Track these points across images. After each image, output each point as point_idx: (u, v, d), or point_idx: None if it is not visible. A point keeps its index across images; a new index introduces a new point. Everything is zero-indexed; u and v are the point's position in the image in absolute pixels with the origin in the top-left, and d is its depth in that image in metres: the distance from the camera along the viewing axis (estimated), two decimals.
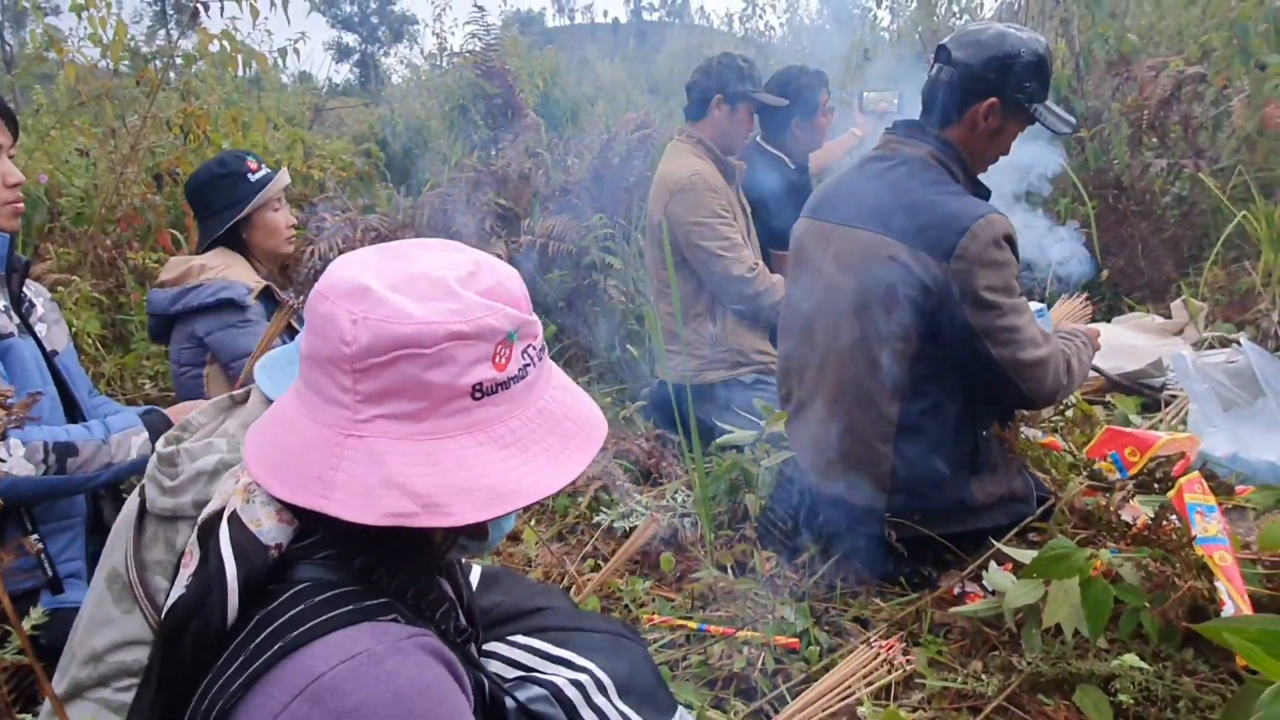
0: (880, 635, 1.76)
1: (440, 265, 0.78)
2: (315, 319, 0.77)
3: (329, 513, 0.73)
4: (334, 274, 0.78)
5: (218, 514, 0.80)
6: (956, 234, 1.69)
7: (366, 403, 0.75)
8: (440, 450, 0.75)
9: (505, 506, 0.75)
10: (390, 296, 0.74)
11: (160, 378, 3.20)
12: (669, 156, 2.92)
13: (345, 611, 0.75)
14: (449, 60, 5.43)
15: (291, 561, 0.79)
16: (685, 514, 2.40)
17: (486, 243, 3.33)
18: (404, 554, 0.83)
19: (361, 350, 0.73)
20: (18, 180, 1.63)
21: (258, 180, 2.23)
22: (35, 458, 1.52)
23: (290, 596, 0.76)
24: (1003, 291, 1.73)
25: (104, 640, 1.05)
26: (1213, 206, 3.60)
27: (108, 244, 3.50)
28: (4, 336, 1.58)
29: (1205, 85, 3.65)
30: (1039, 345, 1.78)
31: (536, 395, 0.82)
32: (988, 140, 1.88)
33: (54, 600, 1.62)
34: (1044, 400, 1.84)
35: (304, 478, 0.75)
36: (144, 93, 3.45)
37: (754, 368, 2.89)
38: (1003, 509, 1.91)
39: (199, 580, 0.77)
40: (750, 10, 6.45)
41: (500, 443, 0.78)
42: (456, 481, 0.74)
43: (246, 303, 2.15)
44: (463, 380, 0.75)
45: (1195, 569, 1.48)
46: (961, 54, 1.83)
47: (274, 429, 0.81)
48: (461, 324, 0.74)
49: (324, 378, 0.76)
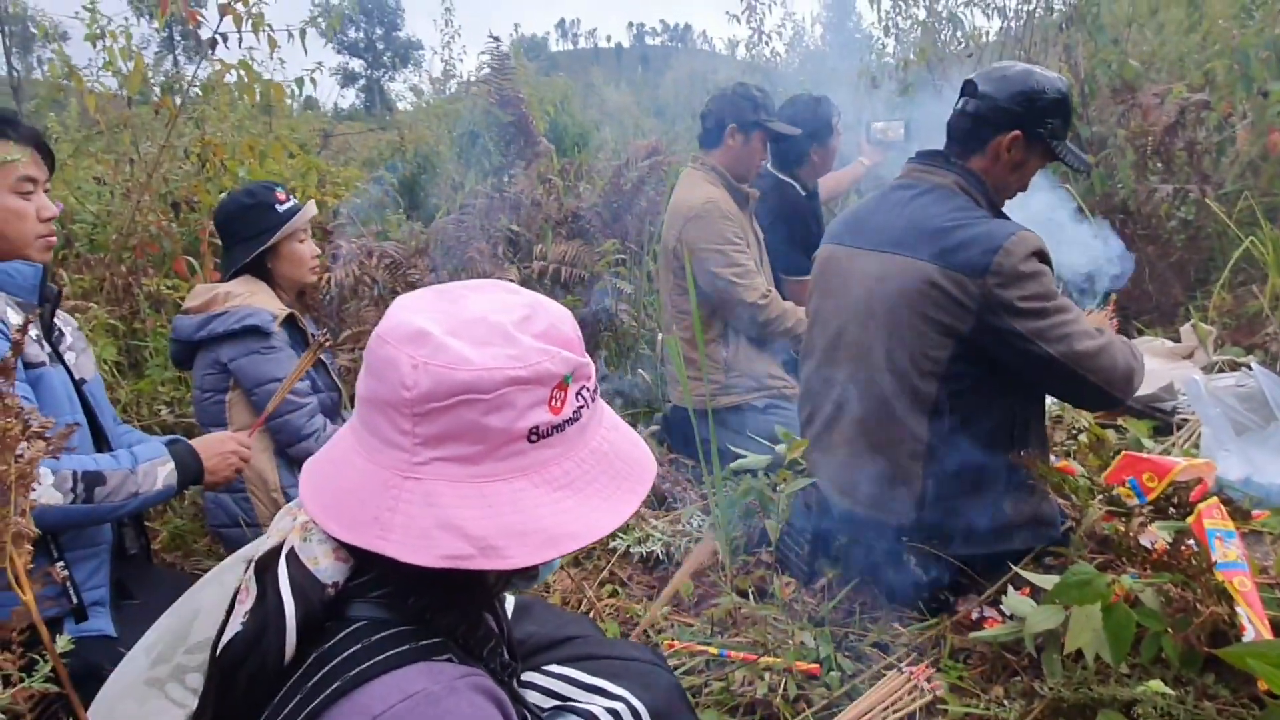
0: (911, 662, 1.76)
1: (496, 309, 0.80)
2: (376, 362, 0.78)
3: (386, 553, 0.74)
4: (393, 317, 0.79)
5: (275, 551, 0.82)
6: (990, 251, 1.72)
7: (424, 446, 0.76)
8: (496, 493, 0.76)
9: (560, 549, 0.76)
10: (450, 342, 0.76)
11: (177, 404, 3.22)
12: (683, 183, 2.96)
13: (402, 651, 0.76)
14: (464, 88, 5.50)
15: (346, 599, 0.80)
16: (700, 538, 2.42)
17: (500, 268, 3.37)
18: (457, 593, 0.84)
19: (422, 395, 0.74)
20: (52, 214, 1.66)
21: (285, 211, 2.26)
22: (64, 487, 1.53)
23: (347, 635, 0.77)
24: (1043, 297, 1.74)
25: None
26: (1218, 231, 3.63)
27: (123, 270, 3.53)
28: (36, 366, 1.60)
29: (1209, 111, 3.70)
30: (1094, 336, 1.77)
31: (590, 436, 0.83)
32: (1009, 172, 1.92)
33: (78, 629, 1.62)
34: (1119, 387, 1.79)
35: (362, 518, 0.77)
36: (162, 122, 3.49)
37: (767, 393, 2.91)
38: (1031, 531, 1.92)
39: (256, 617, 0.79)
40: (756, 38, 6.51)
41: (554, 485, 0.79)
42: (512, 524, 0.75)
43: (271, 330, 2.17)
44: (520, 424, 0.76)
45: (1216, 594, 1.49)
46: (988, 88, 1.88)
47: (330, 468, 0.83)
48: (520, 369, 0.76)
49: (382, 420, 0.78)
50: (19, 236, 1.62)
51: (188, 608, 1.14)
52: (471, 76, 5.20)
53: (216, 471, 1.82)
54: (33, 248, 1.65)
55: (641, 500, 0.84)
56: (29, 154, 1.62)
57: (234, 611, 0.82)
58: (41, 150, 1.65)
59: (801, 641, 1.89)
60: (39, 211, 1.64)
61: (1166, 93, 3.71)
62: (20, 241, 1.63)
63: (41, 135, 1.67)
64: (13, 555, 1.32)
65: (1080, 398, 1.86)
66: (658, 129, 7.52)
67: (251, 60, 3.44)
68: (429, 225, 4.08)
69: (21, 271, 1.62)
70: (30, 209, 1.63)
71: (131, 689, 1.10)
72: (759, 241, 2.99)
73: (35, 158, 1.64)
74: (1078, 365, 1.75)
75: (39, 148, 1.65)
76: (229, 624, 0.82)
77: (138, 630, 1.59)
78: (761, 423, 2.86)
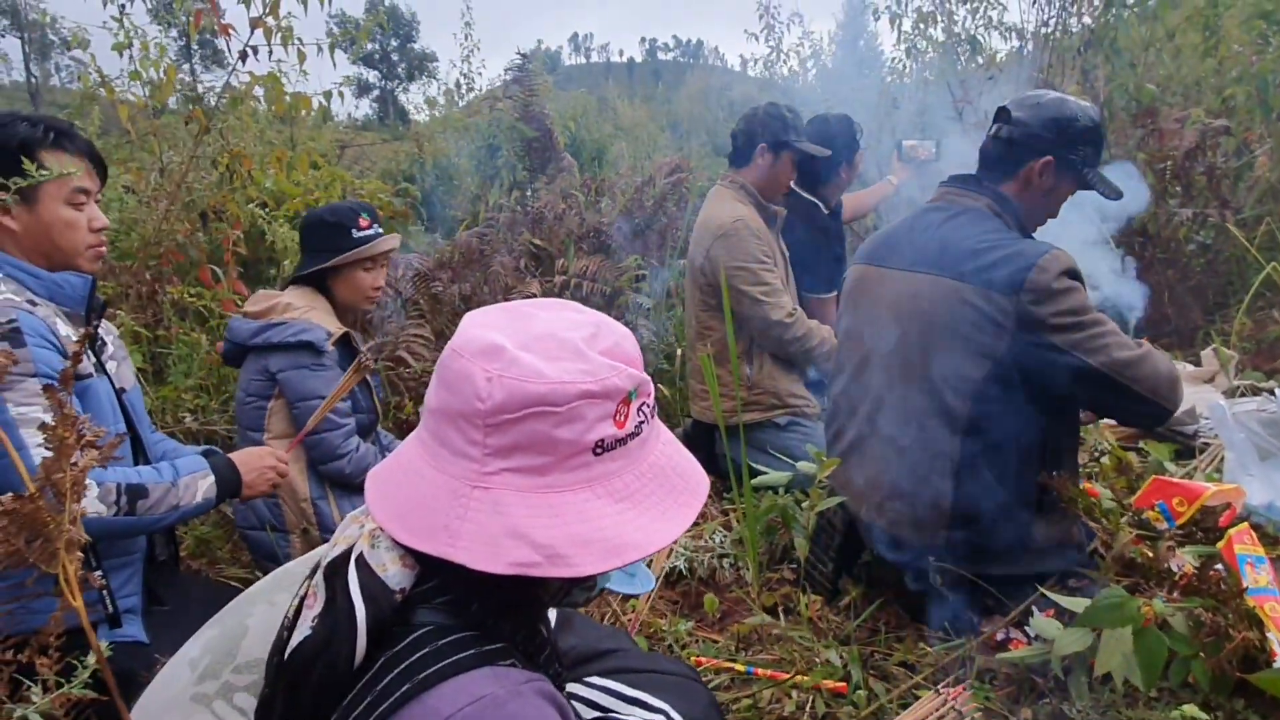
0: (949, 684, 1.76)
1: (565, 325, 0.82)
2: (449, 375, 0.80)
3: (455, 560, 0.76)
4: (466, 332, 0.82)
5: (344, 557, 0.84)
6: (1024, 269, 1.74)
7: (495, 456, 0.78)
8: (562, 503, 0.79)
9: (623, 558, 0.78)
10: (523, 356, 0.78)
11: (200, 411, 3.24)
12: (712, 201, 2.98)
13: (468, 655, 0.78)
14: (487, 101, 5.53)
15: (412, 605, 0.82)
16: (723, 554, 2.43)
17: (522, 281, 3.39)
18: (519, 602, 0.86)
19: (496, 407, 0.77)
20: (103, 224, 1.69)
21: (359, 238, 2.26)
22: (108, 499, 1.55)
23: (415, 640, 0.79)
24: (1077, 312, 1.75)
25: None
26: (1237, 256, 3.65)
27: (147, 278, 3.57)
28: (84, 377, 1.61)
29: (1228, 137, 3.72)
30: (1131, 347, 1.78)
31: (649, 451, 0.86)
32: (1040, 198, 1.95)
33: (111, 634, 1.64)
34: (1164, 394, 1.78)
35: (431, 526, 0.79)
36: (191, 133, 3.53)
37: (788, 410, 2.92)
38: (1059, 553, 1.92)
39: (326, 621, 0.80)
40: (775, 56, 6.55)
41: (616, 496, 0.81)
42: (578, 534, 0.78)
43: (324, 348, 2.18)
44: (588, 437, 0.79)
45: (1247, 619, 1.50)
46: (1021, 114, 1.92)
47: (398, 477, 0.85)
48: (591, 384, 0.78)
49: (454, 431, 0.80)
50: (71, 247, 1.65)
51: (234, 623, 1.16)
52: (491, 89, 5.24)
53: (254, 486, 1.84)
54: (83, 258, 1.67)
55: (697, 514, 0.87)
56: (84, 166, 1.65)
57: (301, 616, 0.84)
58: (95, 161, 1.68)
59: (827, 660, 1.90)
60: (90, 222, 1.67)
61: (1186, 118, 3.74)
62: (72, 251, 1.65)
63: (95, 147, 1.70)
64: (65, 562, 1.34)
65: (1128, 410, 1.83)
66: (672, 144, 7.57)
67: (280, 73, 3.48)
68: (448, 237, 4.11)
69: (71, 283, 1.64)
70: (82, 220, 1.66)
71: (176, 703, 1.11)
72: (785, 260, 3.01)
73: (89, 169, 1.67)
74: (1120, 374, 1.74)
75: (93, 159, 1.68)
76: (296, 628, 0.84)
77: (168, 636, 1.62)
78: (783, 440, 2.88)
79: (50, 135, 1.60)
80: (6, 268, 1.59)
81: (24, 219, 1.60)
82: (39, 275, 1.61)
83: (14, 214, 1.59)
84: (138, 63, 3.47)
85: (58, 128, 1.62)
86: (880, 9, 5.16)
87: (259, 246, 3.78)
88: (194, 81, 4.17)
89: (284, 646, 0.84)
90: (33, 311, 1.55)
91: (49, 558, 1.32)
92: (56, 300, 1.63)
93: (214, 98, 3.63)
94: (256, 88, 3.48)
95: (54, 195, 1.61)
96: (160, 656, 1.44)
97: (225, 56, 3.43)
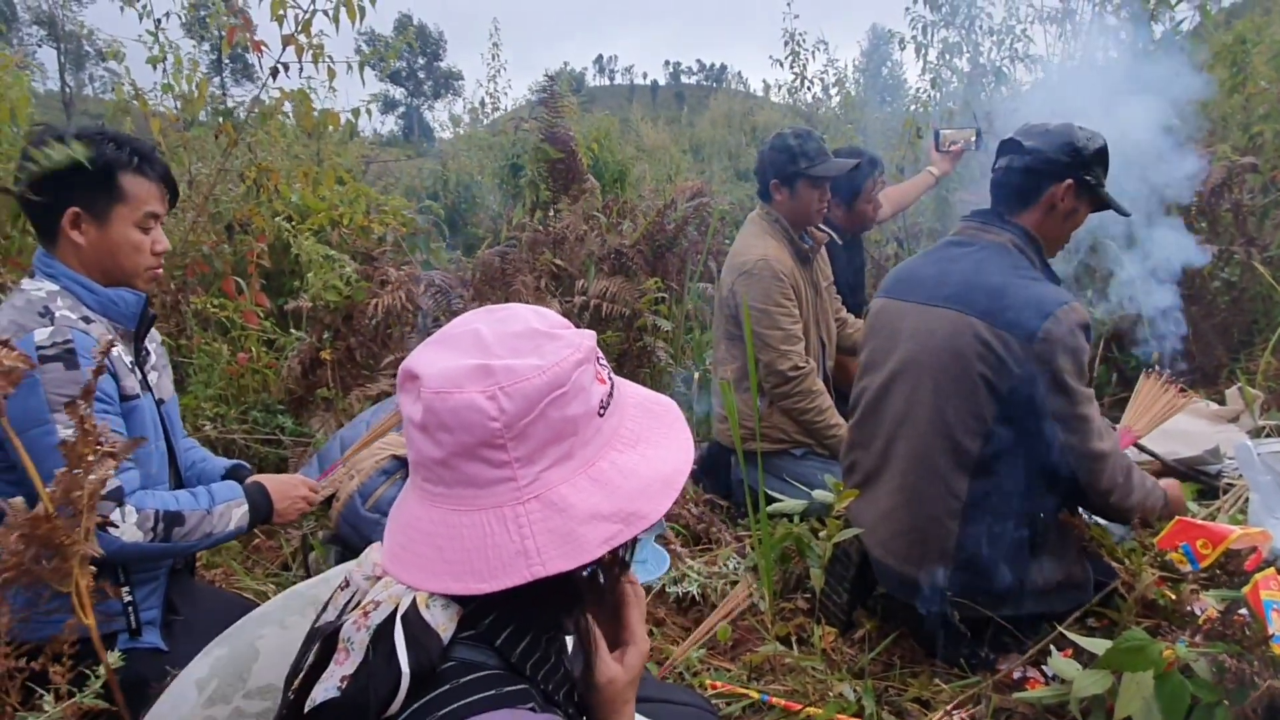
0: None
1: (510, 324, 0.83)
2: (443, 416, 0.77)
3: (548, 574, 0.76)
4: (434, 376, 0.78)
5: (390, 618, 0.82)
6: (1041, 316, 1.75)
7: (525, 465, 0.78)
8: (599, 473, 0.81)
9: (675, 486, 0.83)
10: (508, 361, 0.78)
11: (220, 420, 3.27)
12: (745, 232, 2.98)
13: (487, 696, 0.77)
14: (513, 121, 5.57)
15: (449, 646, 0.81)
16: (736, 581, 2.41)
17: (543, 300, 3.40)
18: (540, 608, 0.85)
19: (512, 416, 0.76)
20: (164, 248, 1.70)
21: None
22: (145, 526, 1.56)
23: (439, 675, 0.79)
24: (1078, 377, 1.78)
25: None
26: (1263, 293, 3.61)
27: (172, 288, 3.61)
28: (132, 398, 1.62)
29: (1255, 174, 3.70)
30: (1103, 440, 1.82)
31: (624, 396, 0.89)
32: (1062, 222, 1.95)
33: (130, 642, 1.65)
34: (1096, 494, 1.85)
35: (504, 562, 0.77)
36: (220, 146, 3.58)
37: (801, 445, 2.91)
38: (1060, 595, 1.91)
39: (357, 683, 0.79)
40: (799, 83, 6.57)
41: (629, 443, 0.85)
42: (631, 489, 0.81)
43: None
44: (592, 403, 0.81)
45: (1273, 667, 1.46)
46: (1033, 142, 1.91)
47: (432, 540, 0.80)
48: (576, 353, 0.80)
49: (475, 465, 0.78)
50: (132, 267, 1.67)
51: (244, 645, 1.15)
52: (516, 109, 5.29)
53: (284, 515, 1.85)
54: (141, 278, 1.69)
55: (686, 425, 0.91)
56: (157, 190, 1.68)
57: (328, 671, 0.82)
58: (168, 185, 1.71)
59: (841, 693, 1.88)
60: (154, 244, 1.69)
61: (1212, 154, 3.71)
62: (132, 272, 1.67)
63: (170, 172, 1.72)
64: (78, 578, 1.35)
65: (1060, 481, 1.86)
66: (694, 168, 7.59)
67: (311, 89, 3.52)
68: (470, 254, 4.13)
69: (125, 300, 1.66)
70: (147, 242, 1.68)
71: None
72: (817, 290, 2.98)
73: (162, 193, 1.69)
74: (1076, 459, 1.80)
75: (167, 183, 1.70)
76: (320, 681, 0.81)
77: (184, 645, 1.62)
78: (801, 468, 2.86)
79: (134, 160, 1.63)
80: (65, 280, 1.61)
81: (92, 235, 1.62)
82: (95, 290, 1.63)
83: (83, 228, 1.61)
84: (170, 76, 3.53)
85: (141, 151, 1.64)
86: (906, 39, 5.18)
87: (283, 259, 3.81)
88: (224, 95, 4.24)
89: (302, 688, 0.83)
90: (87, 330, 1.56)
91: (63, 577, 1.33)
92: (110, 316, 1.65)
93: (243, 112, 3.68)
94: (286, 103, 3.52)
95: (125, 217, 1.64)
96: (171, 669, 1.44)
97: (256, 71, 3.48)
